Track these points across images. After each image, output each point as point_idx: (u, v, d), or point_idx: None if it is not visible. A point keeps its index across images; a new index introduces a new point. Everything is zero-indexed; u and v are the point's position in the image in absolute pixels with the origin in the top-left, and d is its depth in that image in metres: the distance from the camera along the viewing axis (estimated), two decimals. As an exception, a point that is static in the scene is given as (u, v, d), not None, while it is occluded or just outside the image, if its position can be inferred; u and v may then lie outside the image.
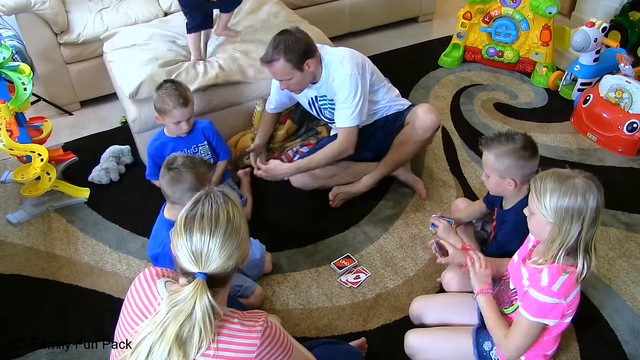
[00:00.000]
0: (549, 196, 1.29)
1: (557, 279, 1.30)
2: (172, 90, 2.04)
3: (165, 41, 2.72)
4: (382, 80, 2.30)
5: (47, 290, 2.05)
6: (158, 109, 2.08)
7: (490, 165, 1.65)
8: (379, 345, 1.79)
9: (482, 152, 1.68)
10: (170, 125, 2.12)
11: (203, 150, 2.24)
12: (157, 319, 1.02)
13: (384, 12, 3.83)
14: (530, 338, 1.37)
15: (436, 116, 2.22)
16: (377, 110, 2.32)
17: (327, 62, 2.14)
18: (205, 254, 1.05)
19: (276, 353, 1.10)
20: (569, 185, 1.28)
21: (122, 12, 3.04)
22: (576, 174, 1.30)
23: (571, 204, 1.27)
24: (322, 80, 2.17)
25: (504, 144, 1.62)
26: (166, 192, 1.65)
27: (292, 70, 2.05)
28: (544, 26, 3.10)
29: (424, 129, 2.22)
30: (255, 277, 2.03)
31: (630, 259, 2.08)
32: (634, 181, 2.49)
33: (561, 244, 1.29)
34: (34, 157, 2.26)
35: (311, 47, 2.08)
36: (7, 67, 2.44)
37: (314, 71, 2.11)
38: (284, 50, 2.00)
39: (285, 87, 2.14)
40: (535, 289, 1.32)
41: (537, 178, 1.34)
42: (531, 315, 1.33)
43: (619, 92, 2.62)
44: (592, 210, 1.27)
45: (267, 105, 2.45)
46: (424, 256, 2.13)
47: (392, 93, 2.36)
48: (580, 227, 1.28)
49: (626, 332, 1.81)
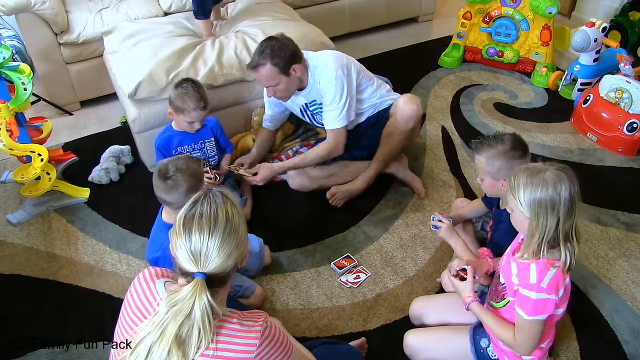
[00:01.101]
0: (522, 192, 1.31)
1: (545, 275, 1.31)
2: (193, 91, 2.06)
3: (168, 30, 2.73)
4: (370, 78, 2.32)
5: (47, 290, 2.05)
6: (176, 107, 2.09)
7: (482, 169, 1.67)
8: (379, 345, 1.79)
9: (474, 154, 1.69)
10: (182, 123, 2.14)
11: (209, 146, 2.26)
12: (157, 319, 1.02)
13: (384, 12, 3.83)
14: (536, 334, 1.38)
15: (416, 105, 2.24)
16: (366, 109, 2.33)
17: (312, 67, 2.18)
18: (204, 253, 1.05)
19: (275, 353, 1.10)
20: (539, 179, 1.29)
21: (122, 12, 3.04)
22: (547, 167, 1.32)
23: (543, 196, 1.28)
24: (309, 86, 2.20)
25: (493, 146, 1.63)
26: (166, 199, 1.63)
27: (279, 75, 2.07)
28: (544, 26, 3.10)
29: (405, 120, 2.24)
30: (257, 269, 2.05)
31: (630, 259, 2.08)
32: (634, 181, 2.49)
33: (540, 237, 1.31)
34: (34, 157, 2.26)
35: (297, 52, 2.12)
36: (7, 67, 2.44)
37: (300, 76, 2.14)
38: (270, 55, 2.03)
39: (272, 93, 2.16)
40: (526, 288, 1.33)
41: (511, 175, 1.36)
42: (527, 314, 1.34)
43: (619, 92, 2.62)
44: (565, 201, 1.28)
45: (263, 122, 2.49)
46: (424, 256, 2.13)
47: (383, 89, 2.37)
48: (556, 218, 1.29)
49: (626, 332, 1.81)
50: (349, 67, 2.17)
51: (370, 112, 2.35)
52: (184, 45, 2.58)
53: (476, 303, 1.49)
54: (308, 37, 2.69)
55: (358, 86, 2.24)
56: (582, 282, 1.98)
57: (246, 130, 2.71)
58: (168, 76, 2.41)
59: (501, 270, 1.50)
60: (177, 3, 3.10)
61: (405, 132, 2.28)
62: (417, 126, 2.31)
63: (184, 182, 1.60)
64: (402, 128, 2.26)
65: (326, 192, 2.37)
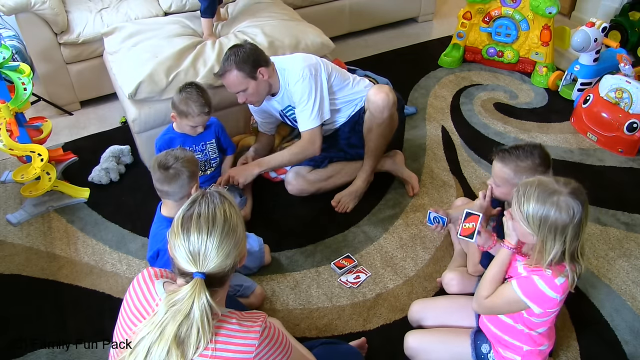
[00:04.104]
0: (531, 210, 1.28)
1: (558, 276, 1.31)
2: (197, 96, 2.07)
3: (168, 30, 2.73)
4: (345, 78, 2.32)
5: (47, 290, 2.05)
6: (180, 111, 2.09)
7: (503, 178, 1.61)
8: (379, 345, 1.79)
9: (496, 163, 1.63)
10: (185, 127, 2.14)
11: (211, 148, 2.26)
12: (156, 320, 1.02)
13: (383, 12, 3.83)
14: (506, 309, 1.39)
15: (385, 93, 2.21)
16: (344, 107, 2.32)
17: (281, 69, 2.21)
18: (202, 253, 1.05)
19: (275, 353, 1.10)
20: (553, 203, 1.25)
21: (122, 12, 3.04)
22: (561, 189, 1.26)
23: (554, 222, 1.25)
24: (281, 90, 2.23)
25: (522, 160, 1.58)
26: (168, 191, 1.67)
27: (246, 79, 2.12)
28: (544, 26, 3.10)
29: (379, 110, 2.22)
30: (256, 268, 2.06)
31: (630, 259, 2.08)
32: (634, 181, 2.49)
33: (546, 260, 1.30)
34: (34, 157, 2.26)
35: (262, 56, 2.16)
36: (7, 67, 2.44)
37: (268, 80, 2.17)
38: (235, 61, 2.09)
39: (244, 99, 2.20)
40: (541, 278, 1.32)
41: (521, 186, 1.32)
42: (523, 293, 1.33)
43: (619, 92, 2.62)
44: (575, 226, 1.26)
45: (259, 127, 2.54)
46: (424, 256, 2.13)
47: (362, 84, 2.36)
48: (562, 244, 1.27)
49: (626, 332, 1.81)
50: (317, 68, 2.18)
51: (352, 110, 2.35)
52: (184, 45, 2.58)
53: (507, 251, 1.42)
54: (308, 37, 2.69)
55: (330, 87, 2.24)
56: (582, 282, 1.98)
57: (245, 131, 2.71)
58: (168, 77, 2.41)
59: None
60: (177, 3, 3.10)
61: (383, 123, 2.25)
62: (393, 113, 2.27)
63: (185, 170, 1.66)
64: (379, 119, 2.24)
65: (325, 194, 2.37)
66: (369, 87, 2.37)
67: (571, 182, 1.29)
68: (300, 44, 2.66)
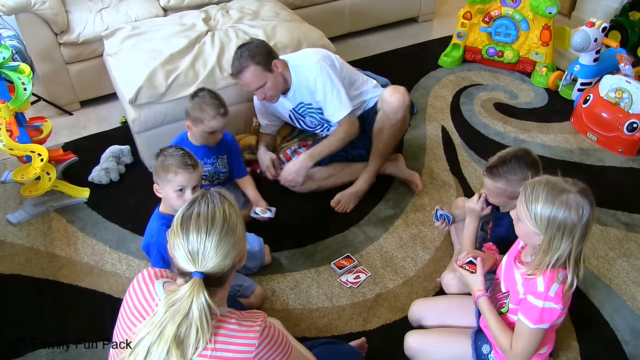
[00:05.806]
0: (539, 209, 1.26)
1: (552, 284, 1.30)
2: (210, 99, 2.03)
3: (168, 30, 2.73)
4: (354, 73, 2.34)
5: (47, 290, 2.05)
6: (194, 118, 2.03)
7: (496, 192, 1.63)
8: (379, 345, 1.79)
9: (487, 179, 1.63)
10: (203, 135, 2.07)
11: (222, 163, 2.20)
12: (155, 320, 1.02)
13: (384, 12, 3.83)
14: (535, 345, 1.36)
15: (401, 94, 2.22)
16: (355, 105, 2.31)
17: (293, 66, 2.21)
18: (201, 252, 1.05)
19: (275, 353, 1.10)
20: (562, 201, 1.24)
21: (122, 11, 3.04)
22: (570, 189, 1.25)
23: (563, 220, 1.24)
24: (293, 86, 2.23)
25: (512, 174, 1.58)
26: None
27: (264, 72, 2.12)
28: (544, 26, 3.10)
29: (393, 111, 2.22)
30: (257, 268, 2.06)
31: (630, 259, 2.08)
32: (634, 181, 2.49)
33: (551, 260, 1.28)
34: (34, 157, 2.26)
35: (272, 49, 2.19)
36: (7, 67, 2.44)
37: (282, 72, 2.17)
38: (250, 55, 2.09)
39: (263, 96, 2.19)
40: (534, 296, 1.31)
41: (528, 185, 1.30)
42: (532, 322, 1.32)
43: (619, 92, 2.62)
44: (583, 226, 1.25)
45: (261, 129, 2.54)
46: (424, 256, 2.13)
47: (369, 84, 2.38)
48: (570, 244, 1.26)
49: (626, 332, 1.81)
50: (330, 58, 2.21)
51: (359, 111, 2.35)
52: (183, 46, 2.57)
53: (485, 298, 1.46)
54: (309, 38, 2.70)
55: (343, 79, 2.24)
56: (582, 282, 1.98)
57: (246, 131, 2.71)
58: (167, 80, 2.41)
59: (502, 278, 1.49)
60: (177, 1, 3.11)
61: (396, 124, 2.25)
62: (406, 115, 2.28)
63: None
64: (392, 120, 2.24)
65: (325, 193, 2.37)
66: (378, 88, 2.38)
67: (579, 183, 1.28)
68: (301, 44, 2.66)
